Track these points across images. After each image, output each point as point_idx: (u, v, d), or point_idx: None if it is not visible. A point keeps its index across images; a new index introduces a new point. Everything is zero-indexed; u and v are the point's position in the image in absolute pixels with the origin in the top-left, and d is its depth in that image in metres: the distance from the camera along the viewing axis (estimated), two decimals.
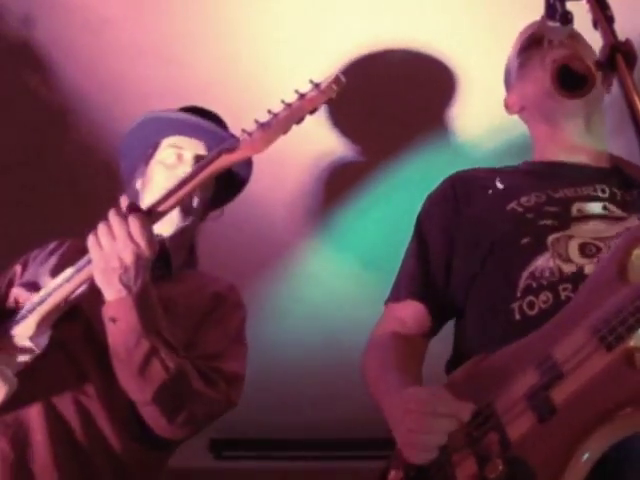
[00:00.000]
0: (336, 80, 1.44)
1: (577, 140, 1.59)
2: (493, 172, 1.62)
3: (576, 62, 1.45)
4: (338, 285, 3.49)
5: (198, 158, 1.82)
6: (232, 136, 1.84)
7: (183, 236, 1.86)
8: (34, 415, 1.57)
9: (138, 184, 1.90)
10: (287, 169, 2.70)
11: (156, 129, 1.90)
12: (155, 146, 1.90)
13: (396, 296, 1.59)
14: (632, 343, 1.12)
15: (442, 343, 1.57)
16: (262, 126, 1.46)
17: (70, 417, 1.57)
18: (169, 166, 1.85)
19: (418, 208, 1.68)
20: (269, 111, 1.47)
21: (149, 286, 1.53)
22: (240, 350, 1.79)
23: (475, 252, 1.48)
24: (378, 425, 1.38)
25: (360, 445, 4.54)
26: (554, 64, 1.51)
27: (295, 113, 1.45)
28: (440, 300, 1.54)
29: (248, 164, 1.93)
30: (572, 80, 1.50)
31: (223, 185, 1.93)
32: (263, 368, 4.27)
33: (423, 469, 1.24)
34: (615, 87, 1.37)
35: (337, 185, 2.79)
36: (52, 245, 1.85)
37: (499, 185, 1.55)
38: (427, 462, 1.22)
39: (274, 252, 3.30)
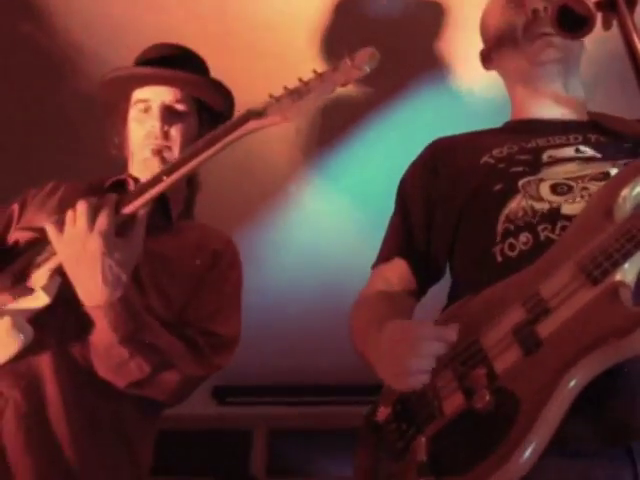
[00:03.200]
0: (372, 56, 1.40)
1: (554, 99, 1.60)
2: (472, 135, 1.64)
3: (576, 2, 1.44)
4: (334, 230, 3.50)
5: (164, 107, 1.76)
6: (200, 72, 1.81)
7: (181, 185, 1.84)
8: (45, 365, 1.57)
9: (120, 143, 1.86)
10: None
11: (122, 85, 1.82)
12: (128, 100, 1.83)
13: (381, 258, 1.61)
14: (618, 277, 1.15)
15: None
16: (291, 94, 1.42)
17: (77, 368, 1.58)
18: (140, 121, 1.79)
19: (414, 149, 1.68)
20: (300, 79, 1.42)
21: (127, 290, 1.51)
22: (235, 311, 1.79)
23: (452, 206, 1.50)
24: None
25: (359, 390, 4.60)
26: (554, 5, 1.51)
27: (328, 85, 1.41)
28: (423, 260, 1.56)
29: (230, 104, 1.87)
30: (572, 21, 1.49)
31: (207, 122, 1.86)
32: (263, 316, 4.31)
33: (411, 404, 1.28)
34: (590, 41, 1.38)
35: (332, 126, 2.78)
36: (49, 187, 1.82)
37: (475, 144, 1.56)
38: (418, 388, 1.24)
39: (268, 197, 3.30)
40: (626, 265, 1.15)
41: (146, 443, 1.69)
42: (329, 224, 3.44)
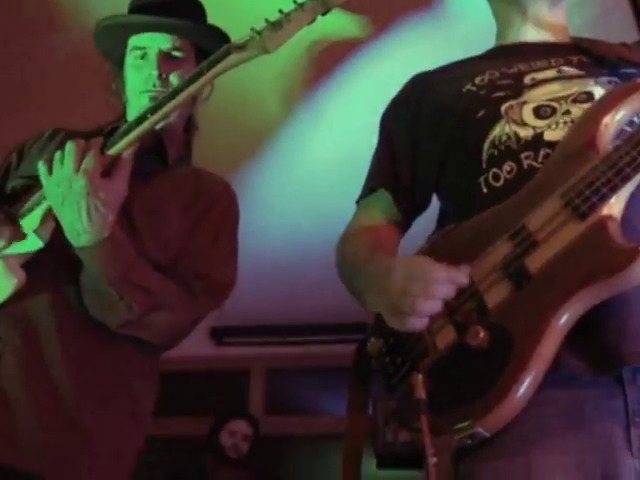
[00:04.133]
0: None
1: (537, 22, 1.57)
2: (453, 65, 1.62)
3: None
4: (328, 170, 3.49)
5: (162, 54, 1.74)
6: (197, 18, 1.79)
7: (178, 128, 1.83)
8: (42, 309, 1.58)
9: (120, 89, 1.84)
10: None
11: (117, 32, 1.80)
12: (125, 46, 1.80)
13: (365, 191, 1.58)
14: (605, 211, 1.14)
15: None
16: (272, 25, 1.41)
17: (74, 311, 1.59)
18: (137, 68, 1.76)
19: (404, 81, 1.66)
20: (280, 11, 1.41)
21: (115, 231, 1.52)
22: (231, 255, 1.79)
23: (436, 137, 1.48)
24: None
25: (356, 328, 4.64)
26: None
27: (308, 14, 1.40)
28: (408, 192, 1.53)
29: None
30: None
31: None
32: (260, 256, 4.32)
33: (404, 338, 1.27)
34: None
35: (323, 64, 2.74)
36: (48, 132, 1.82)
37: (457, 73, 1.54)
38: (420, 330, 1.23)
39: (262, 138, 3.28)
40: (613, 199, 1.14)
41: (146, 384, 1.70)
42: (324, 166, 3.43)
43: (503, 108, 1.39)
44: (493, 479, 1.17)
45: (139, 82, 1.74)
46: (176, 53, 1.76)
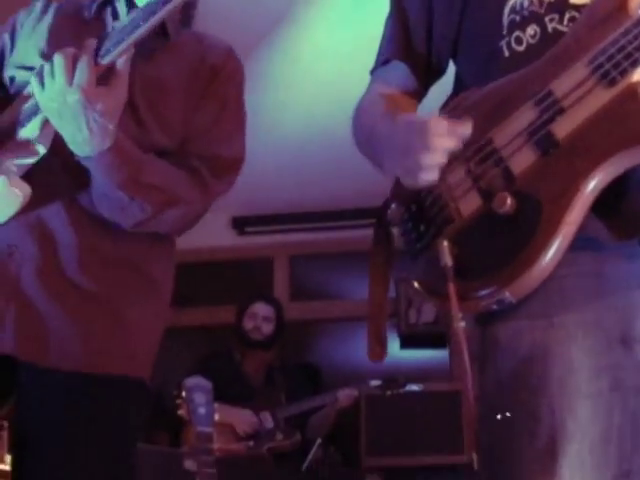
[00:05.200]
0: None
1: None
2: None
3: None
4: (346, 52, 3.41)
5: None
6: None
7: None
8: (55, 214, 1.56)
9: None
10: None
11: None
12: None
13: (378, 62, 1.54)
14: (636, 78, 1.11)
15: None
16: None
17: (87, 214, 1.57)
18: None
19: None
20: None
21: (119, 136, 1.47)
22: (238, 129, 1.72)
23: (453, 2, 1.42)
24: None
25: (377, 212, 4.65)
26: None
27: None
28: (423, 59, 1.49)
29: None
30: None
31: None
32: (279, 142, 4.30)
33: (426, 205, 1.26)
34: None
35: None
36: (38, 7, 1.72)
37: None
38: (429, 184, 1.22)
39: (276, 17, 3.20)
40: None
41: (166, 271, 1.70)
42: (342, 49, 3.34)
43: None
44: (513, 338, 1.19)
45: None
46: None
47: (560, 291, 1.17)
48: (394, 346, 4.80)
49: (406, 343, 4.82)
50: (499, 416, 1.17)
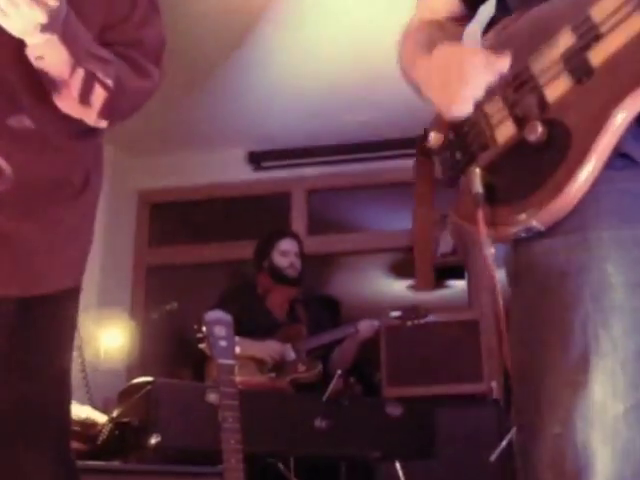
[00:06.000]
0: None
1: None
2: None
3: None
4: None
5: None
6: None
7: None
8: None
9: None
10: None
11: None
12: None
13: None
14: None
15: None
16: None
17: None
18: None
19: None
20: None
21: (69, 14, 1.44)
22: (154, 12, 1.70)
23: None
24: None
25: (394, 144, 4.61)
26: None
27: None
28: None
29: None
30: None
31: None
32: (296, 78, 4.24)
33: (464, 132, 1.28)
34: None
35: None
36: None
37: None
38: (465, 116, 1.24)
39: None
40: None
41: (99, 178, 1.71)
42: None
43: None
44: (547, 255, 1.19)
45: None
46: None
47: (596, 207, 1.16)
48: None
49: None
50: (530, 332, 1.18)
